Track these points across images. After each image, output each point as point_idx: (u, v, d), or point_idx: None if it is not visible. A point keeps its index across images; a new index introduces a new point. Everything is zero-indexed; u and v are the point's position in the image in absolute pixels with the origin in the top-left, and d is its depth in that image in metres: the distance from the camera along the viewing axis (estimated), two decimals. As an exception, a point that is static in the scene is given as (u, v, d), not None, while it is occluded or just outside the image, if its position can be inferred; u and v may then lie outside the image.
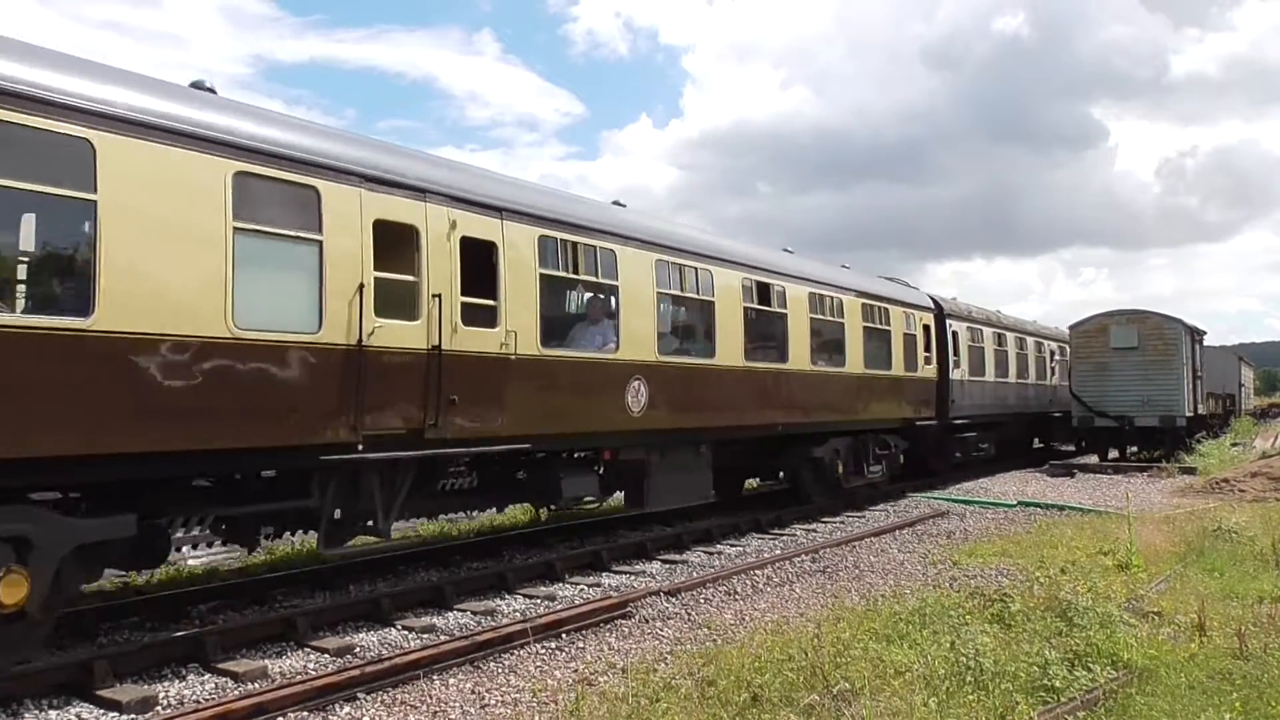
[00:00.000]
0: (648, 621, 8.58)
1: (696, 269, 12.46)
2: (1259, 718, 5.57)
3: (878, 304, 17.43)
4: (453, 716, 6.05)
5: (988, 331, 23.37)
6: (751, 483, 17.67)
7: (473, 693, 6.48)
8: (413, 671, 6.80)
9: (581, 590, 9.85)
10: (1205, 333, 30.17)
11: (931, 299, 20.57)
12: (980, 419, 22.38)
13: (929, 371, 19.35)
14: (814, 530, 14.30)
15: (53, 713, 6.05)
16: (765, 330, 14.25)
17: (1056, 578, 9.23)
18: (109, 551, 6.76)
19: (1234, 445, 28.43)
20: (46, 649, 6.77)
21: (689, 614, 8.84)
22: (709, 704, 5.79)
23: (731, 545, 12.80)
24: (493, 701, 6.30)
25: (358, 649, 7.53)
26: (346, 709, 6.19)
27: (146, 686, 6.46)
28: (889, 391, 17.50)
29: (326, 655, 7.35)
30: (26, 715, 5.97)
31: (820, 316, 15.33)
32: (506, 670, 7.06)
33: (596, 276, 10.77)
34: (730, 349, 12.92)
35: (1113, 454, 26.66)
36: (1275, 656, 6.56)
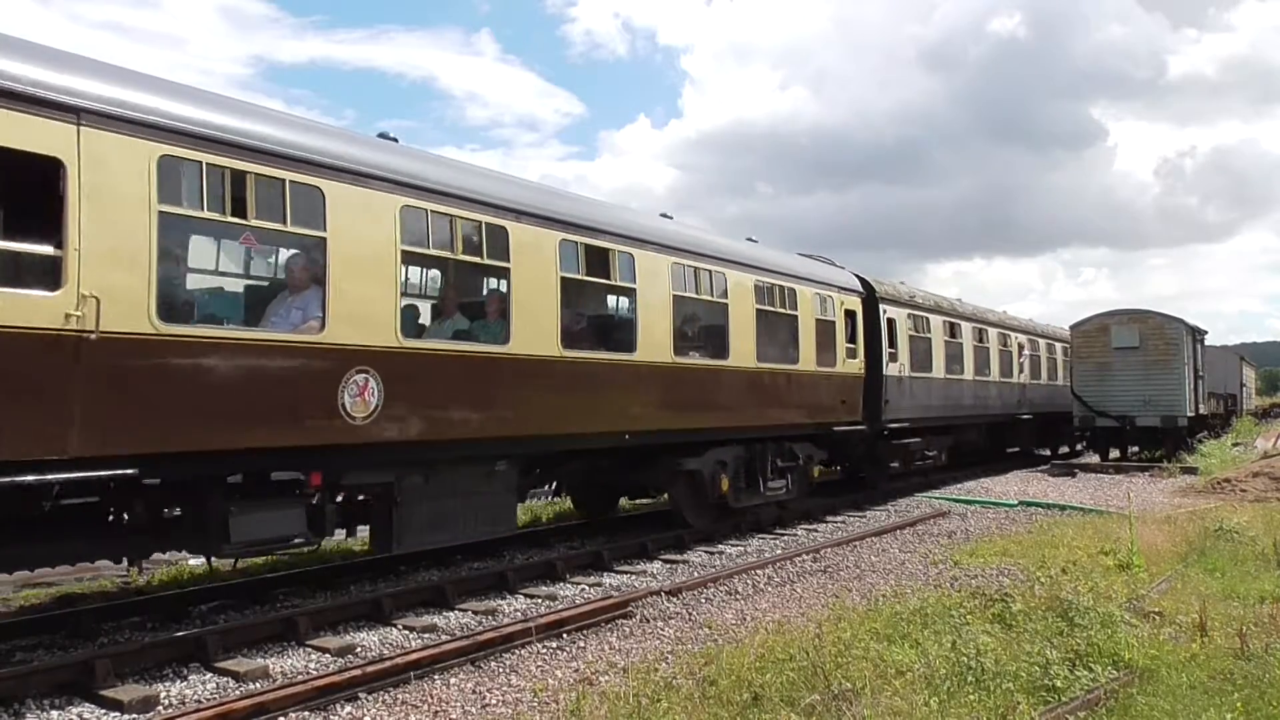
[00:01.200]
0: (649, 621, 8.58)
1: (474, 221, 8.95)
2: (1260, 718, 5.57)
3: (779, 282, 14.13)
4: (454, 716, 6.05)
5: (937, 321, 20.19)
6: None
7: (474, 692, 6.48)
8: (414, 671, 6.79)
9: (583, 590, 9.85)
10: (1206, 332, 30.17)
11: (860, 279, 17.26)
12: (926, 423, 19.28)
13: (853, 366, 16.13)
14: (815, 530, 14.30)
15: (54, 712, 6.05)
16: (600, 310, 11.72)
17: (1058, 578, 9.24)
18: None
19: (1235, 445, 28.43)
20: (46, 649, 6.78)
21: (690, 614, 8.84)
22: (710, 704, 5.79)
23: (733, 545, 12.80)
24: (494, 701, 6.30)
25: (359, 649, 7.53)
26: (348, 709, 6.19)
27: (148, 686, 6.46)
28: (795, 390, 14.41)
29: (327, 655, 7.35)
30: (28, 715, 5.98)
31: (691, 295, 12.22)
32: (507, 670, 7.06)
33: (284, 223, 7.48)
34: (538, 333, 9.61)
35: (1114, 454, 26.66)
36: (1276, 657, 6.56)
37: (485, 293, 10.17)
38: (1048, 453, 29.24)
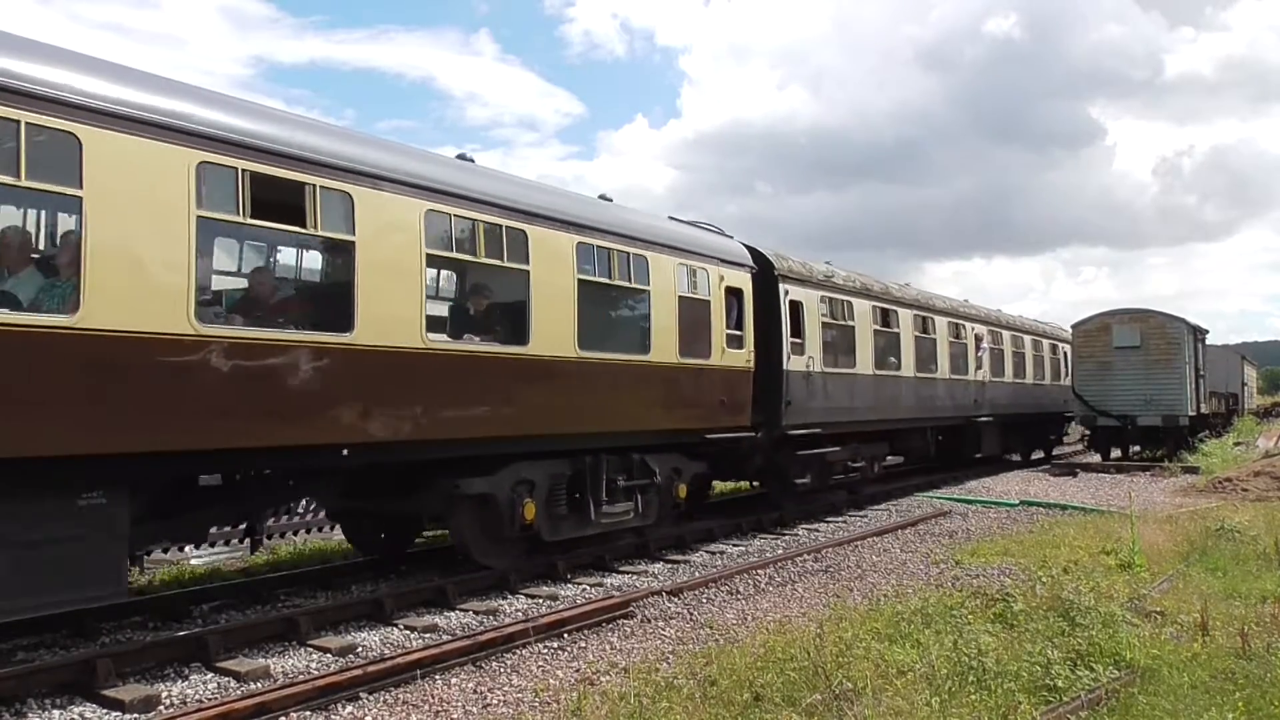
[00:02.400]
0: (650, 621, 8.58)
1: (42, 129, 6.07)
2: (1262, 718, 5.56)
3: (619, 247, 10.80)
4: (455, 716, 6.05)
5: (864, 306, 16.87)
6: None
7: (475, 692, 6.49)
8: (415, 671, 6.79)
9: (584, 590, 9.85)
10: (1208, 332, 30.15)
11: (753, 251, 13.97)
12: (848, 427, 15.99)
13: (737, 358, 12.85)
14: (817, 530, 14.29)
15: (56, 712, 6.05)
16: (306, 278, 9.03)
17: (1059, 577, 9.23)
18: None
19: (1237, 444, 28.40)
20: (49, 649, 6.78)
21: (691, 613, 8.84)
22: (711, 704, 5.79)
23: (734, 545, 12.79)
24: (495, 701, 6.30)
25: (360, 648, 7.54)
26: (349, 708, 6.19)
27: (149, 686, 6.47)
28: (645, 388, 11.22)
29: (329, 655, 7.35)
30: (30, 714, 5.98)
31: (465, 257, 9.28)
32: (509, 670, 7.06)
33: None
34: (161, 304, 6.60)
35: (1115, 453, 26.64)
36: (1278, 656, 6.55)
37: (57, 241, 7.20)
38: (1017, 458, 26.99)
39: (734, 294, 13.05)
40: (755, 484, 16.79)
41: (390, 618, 8.40)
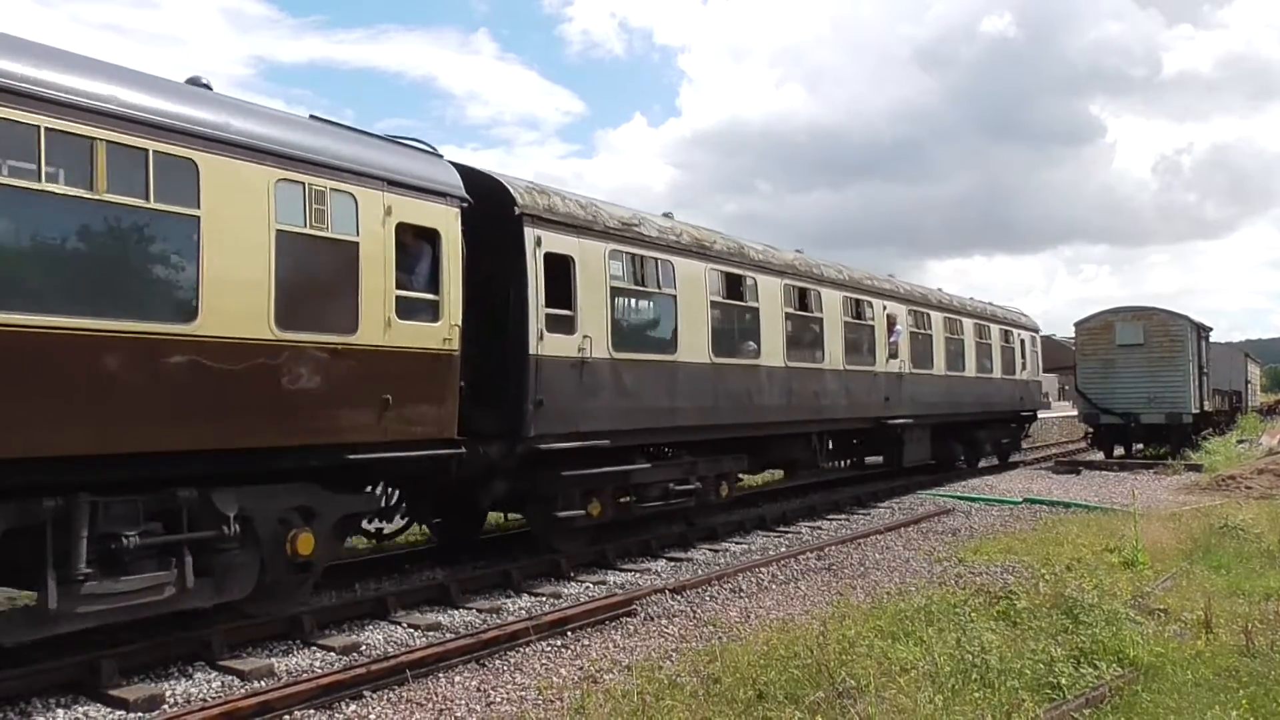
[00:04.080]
0: (653, 619, 8.58)
1: None
2: (1266, 715, 5.56)
3: (122, 139, 6.37)
4: (458, 714, 6.06)
5: (692, 269, 12.17)
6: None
7: (478, 690, 6.49)
8: (418, 669, 6.80)
9: (587, 588, 9.86)
10: (1211, 329, 30.12)
11: (470, 175, 9.62)
12: (668, 435, 11.93)
13: (420, 335, 8.48)
14: (819, 528, 14.29)
15: (60, 711, 6.07)
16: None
17: (1062, 575, 9.23)
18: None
19: (1240, 442, 28.36)
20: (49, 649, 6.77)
21: (694, 611, 8.84)
22: (714, 701, 5.79)
23: (737, 543, 12.79)
24: (498, 699, 6.31)
25: (364, 647, 7.55)
26: (353, 707, 6.20)
27: (153, 685, 6.49)
28: (174, 380, 6.60)
29: (332, 653, 7.36)
30: (34, 714, 6.00)
31: None
32: (512, 668, 7.07)
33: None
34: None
35: (1118, 451, 26.61)
36: (1282, 653, 6.55)
37: None
38: (962, 463, 22.34)
39: (423, 237, 8.65)
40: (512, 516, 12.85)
41: (393, 616, 8.41)
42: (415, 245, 8.63)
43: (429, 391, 8.58)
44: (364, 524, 9.17)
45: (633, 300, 11.81)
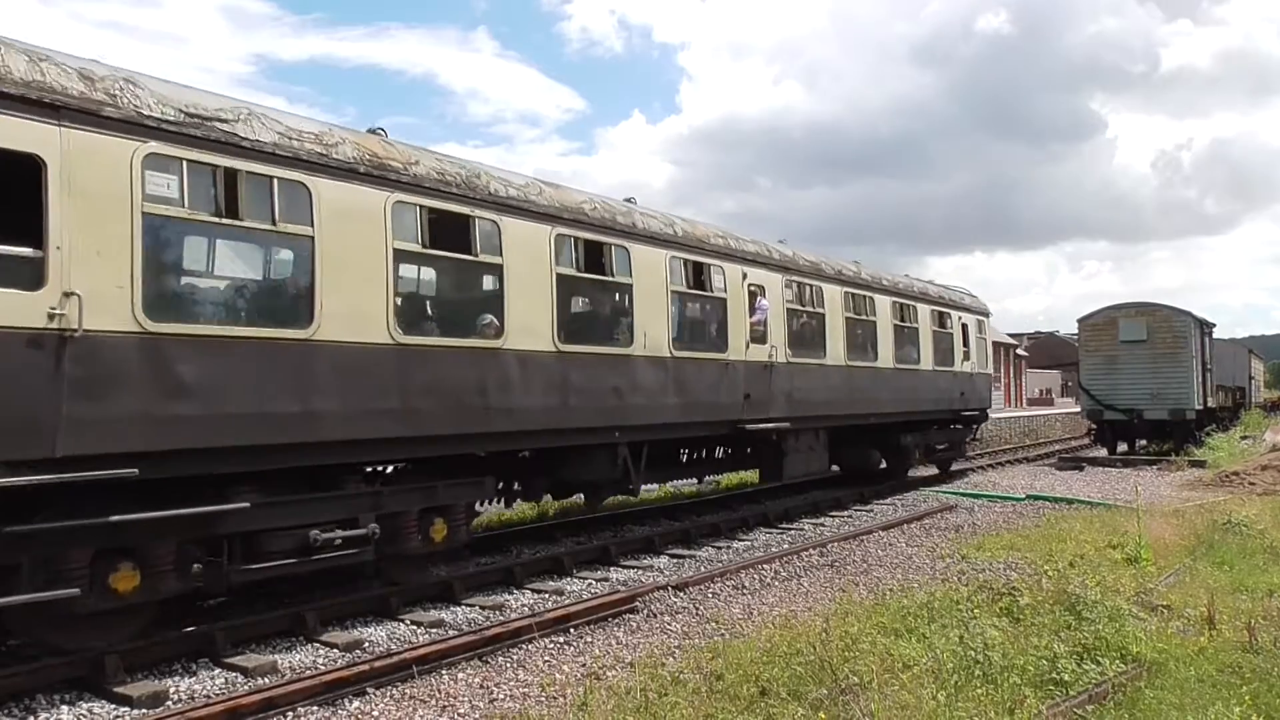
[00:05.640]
0: (656, 616, 8.58)
1: None
2: (1269, 711, 5.56)
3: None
4: (462, 711, 6.07)
5: (360, 201, 7.91)
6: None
7: (481, 687, 6.50)
8: (422, 666, 6.81)
9: (589, 585, 9.86)
10: (1215, 325, 30.07)
11: None
12: (278, 456, 7.39)
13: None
14: (822, 525, 14.29)
15: (64, 707, 6.08)
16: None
17: (1065, 571, 9.21)
18: None
19: (1244, 438, 28.33)
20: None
21: (697, 608, 8.85)
22: (717, 698, 5.80)
23: (739, 540, 12.79)
24: (501, 696, 6.32)
25: (367, 644, 7.56)
26: (356, 704, 6.21)
27: (157, 681, 6.50)
28: None
29: (336, 650, 7.38)
30: (39, 710, 6.01)
31: None
32: (515, 665, 7.07)
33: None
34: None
35: (1122, 447, 26.59)
36: (1285, 650, 6.55)
37: None
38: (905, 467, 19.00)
39: None
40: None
41: (396, 613, 8.42)
42: None
43: None
44: None
45: (194, 236, 7.40)
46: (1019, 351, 60.56)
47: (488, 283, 9.48)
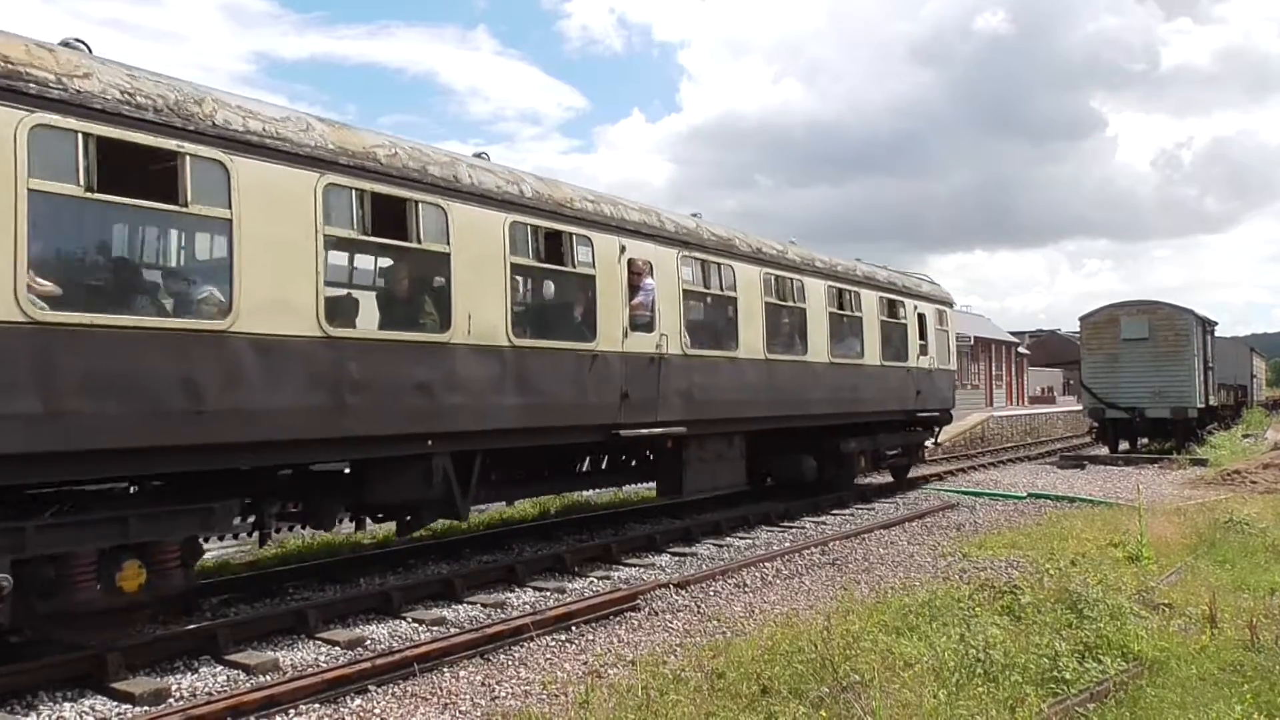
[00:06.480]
0: (657, 614, 8.59)
1: None
2: (1271, 709, 5.56)
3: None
4: (463, 708, 6.07)
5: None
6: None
7: (483, 685, 6.51)
8: (423, 664, 6.81)
9: (591, 583, 9.87)
10: (1216, 323, 30.06)
11: None
12: None
13: None
14: (823, 523, 14.29)
15: (66, 705, 6.08)
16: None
17: (1066, 570, 9.22)
18: None
19: (1245, 437, 28.33)
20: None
21: (698, 606, 8.85)
22: (718, 696, 5.80)
23: (741, 538, 12.79)
24: (503, 694, 6.32)
25: (368, 641, 7.56)
26: (357, 701, 6.22)
27: (159, 679, 6.50)
28: None
29: (337, 648, 7.38)
30: (40, 707, 6.02)
31: None
32: (516, 662, 7.08)
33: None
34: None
35: (1123, 446, 26.58)
36: (1287, 648, 6.55)
37: None
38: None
39: None
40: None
41: (398, 611, 8.43)
42: None
43: None
44: None
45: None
46: (1020, 350, 60.62)
47: (207, 244, 7.17)
